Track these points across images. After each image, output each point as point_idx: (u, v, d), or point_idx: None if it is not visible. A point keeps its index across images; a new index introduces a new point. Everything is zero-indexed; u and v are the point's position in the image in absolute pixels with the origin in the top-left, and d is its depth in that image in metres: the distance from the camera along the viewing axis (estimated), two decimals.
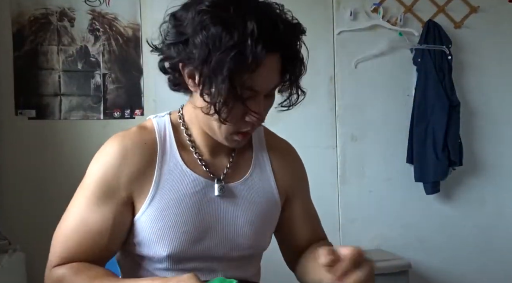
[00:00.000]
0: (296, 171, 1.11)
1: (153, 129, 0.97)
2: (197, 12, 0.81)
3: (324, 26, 2.62)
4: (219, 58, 0.78)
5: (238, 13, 0.80)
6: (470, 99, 2.81)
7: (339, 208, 2.64)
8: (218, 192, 0.95)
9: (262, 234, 1.02)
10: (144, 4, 2.41)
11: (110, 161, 0.92)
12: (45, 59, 2.29)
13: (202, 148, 0.98)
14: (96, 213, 0.91)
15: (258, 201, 1.00)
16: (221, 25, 0.79)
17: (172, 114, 1.01)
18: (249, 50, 0.78)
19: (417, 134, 2.64)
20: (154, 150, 0.94)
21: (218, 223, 0.96)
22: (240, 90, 0.81)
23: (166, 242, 0.91)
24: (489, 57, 2.82)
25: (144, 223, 0.92)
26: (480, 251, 2.81)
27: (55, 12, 2.31)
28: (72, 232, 0.91)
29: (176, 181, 0.94)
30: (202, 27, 0.80)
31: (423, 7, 2.72)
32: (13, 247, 1.94)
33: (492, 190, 2.84)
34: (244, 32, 0.78)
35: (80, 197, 0.93)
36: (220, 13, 0.80)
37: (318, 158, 2.59)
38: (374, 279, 0.82)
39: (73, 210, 0.93)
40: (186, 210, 0.93)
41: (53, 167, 2.28)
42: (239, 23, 0.79)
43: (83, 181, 0.94)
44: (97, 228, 0.91)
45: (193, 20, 0.81)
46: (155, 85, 2.40)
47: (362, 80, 2.66)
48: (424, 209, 2.74)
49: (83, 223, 0.91)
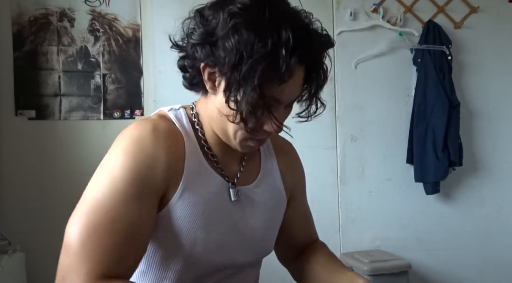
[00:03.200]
0: (298, 171, 1.10)
1: (172, 121, 0.90)
2: (229, 14, 0.77)
3: (324, 26, 2.61)
4: (251, 65, 0.75)
5: (273, 19, 0.76)
6: (470, 99, 2.81)
7: (339, 208, 2.64)
8: (234, 196, 0.91)
9: (274, 235, 1.02)
10: (144, 4, 2.41)
11: (146, 147, 0.81)
12: (45, 60, 2.29)
13: (215, 149, 0.92)
14: (135, 206, 0.78)
15: (270, 203, 0.99)
16: (255, 31, 0.75)
17: (186, 109, 0.94)
18: (282, 60, 0.75)
19: (417, 134, 2.64)
20: (182, 142, 0.87)
21: (234, 226, 0.91)
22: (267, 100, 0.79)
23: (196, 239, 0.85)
24: (489, 57, 2.83)
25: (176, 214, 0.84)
26: (480, 251, 2.81)
27: (55, 13, 2.31)
28: (107, 231, 0.75)
29: (200, 179, 0.88)
30: (234, 31, 0.76)
31: (423, 7, 2.73)
32: (13, 247, 1.94)
33: (492, 190, 2.84)
34: (278, 41, 0.75)
35: (109, 187, 0.78)
36: (254, 17, 0.76)
37: (318, 158, 2.60)
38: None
39: (102, 203, 0.77)
40: (207, 210, 0.87)
41: (53, 167, 2.28)
42: (273, 30, 0.75)
43: (109, 167, 0.80)
44: (137, 224, 0.78)
45: (225, 22, 0.77)
46: (155, 85, 2.40)
47: (362, 80, 2.66)
48: (424, 209, 2.74)
49: (121, 219, 0.76)
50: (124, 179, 0.78)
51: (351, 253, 2.54)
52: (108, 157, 0.82)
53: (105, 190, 0.78)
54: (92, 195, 0.79)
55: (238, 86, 0.77)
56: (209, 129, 0.91)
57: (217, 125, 0.88)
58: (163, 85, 2.40)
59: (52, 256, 0.83)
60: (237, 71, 0.76)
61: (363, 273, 2.32)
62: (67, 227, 0.78)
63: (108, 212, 0.76)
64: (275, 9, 0.78)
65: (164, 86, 2.39)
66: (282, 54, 0.75)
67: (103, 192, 0.78)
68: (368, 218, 2.67)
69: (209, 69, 0.82)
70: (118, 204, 0.77)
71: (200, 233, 0.85)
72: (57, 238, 0.83)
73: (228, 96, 0.79)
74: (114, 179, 0.78)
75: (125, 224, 0.77)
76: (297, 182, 1.09)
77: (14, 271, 1.90)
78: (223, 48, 0.77)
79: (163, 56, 2.39)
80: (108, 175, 0.79)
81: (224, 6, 0.79)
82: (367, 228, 2.67)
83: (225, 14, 0.77)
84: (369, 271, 2.31)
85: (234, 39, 0.75)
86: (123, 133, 0.84)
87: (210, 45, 0.79)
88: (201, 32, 0.81)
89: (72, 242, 0.75)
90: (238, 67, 0.76)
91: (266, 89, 0.78)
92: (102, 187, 0.78)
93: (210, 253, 0.87)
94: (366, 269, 2.32)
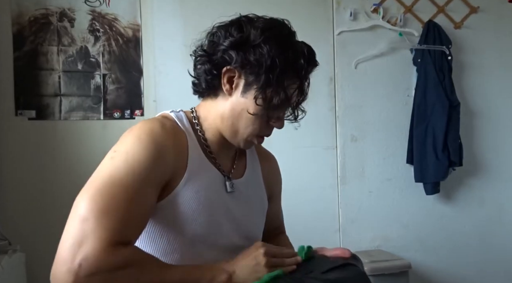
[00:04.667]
0: (277, 175, 1.26)
1: (174, 121, 1.02)
2: (259, 28, 0.96)
3: (324, 26, 2.62)
4: (281, 70, 0.95)
5: (290, 35, 1.00)
6: (470, 100, 2.81)
7: (339, 208, 2.64)
8: (230, 188, 1.04)
9: (261, 226, 1.16)
10: (144, 4, 2.41)
11: (158, 139, 0.92)
12: (45, 60, 2.29)
13: (213, 147, 1.05)
14: (151, 186, 0.89)
15: (256, 197, 1.14)
16: (281, 44, 0.96)
17: (186, 112, 1.07)
18: (301, 67, 0.97)
19: (417, 134, 2.64)
20: (185, 138, 1.00)
21: (231, 214, 1.03)
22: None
23: (195, 224, 0.95)
24: (489, 57, 2.83)
25: (178, 203, 0.95)
26: (480, 251, 2.81)
27: (55, 13, 2.31)
28: (124, 201, 0.85)
29: (201, 170, 0.99)
30: (266, 42, 0.95)
31: (423, 8, 2.73)
32: (13, 247, 1.94)
33: (492, 190, 2.84)
34: (297, 53, 0.97)
35: (126, 169, 0.86)
36: (278, 33, 0.98)
37: (318, 158, 2.60)
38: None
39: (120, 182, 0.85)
40: (210, 197, 0.99)
41: (53, 167, 2.28)
42: (293, 45, 0.98)
43: (123, 153, 0.89)
44: (150, 200, 0.90)
45: (256, 34, 0.96)
46: (155, 85, 2.40)
47: (362, 81, 2.66)
48: (424, 209, 2.74)
49: (139, 195, 0.86)
50: (141, 162, 0.88)
51: None
52: (120, 144, 0.92)
53: (122, 170, 0.86)
54: (106, 173, 0.87)
55: (270, 85, 0.95)
56: (210, 129, 1.05)
57: (227, 123, 1.02)
58: (163, 85, 2.40)
59: (52, 256, 0.82)
60: (271, 73, 0.95)
61: None
62: (80, 200, 0.84)
63: (127, 189, 0.85)
64: (289, 29, 1.01)
65: (164, 86, 2.39)
66: (301, 62, 0.97)
67: (120, 172, 0.86)
68: (368, 218, 2.67)
69: (230, 74, 0.98)
70: (136, 183, 0.86)
71: (203, 216, 0.96)
72: (57, 238, 0.83)
73: (259, 94, 0.96)
74: (131, 162, 0.88)
75: (138, 201, 0.86)
76: (275, 186, 1.25)
77: (14, 271, 1.90)
78: (257, 54, 0.95)
79: (163, 56, 2.39)
80: (124, 158, 0.88)
81: (251, 23, 0.98)
82: (367, 228, 2.67)
83: (255, 28, 0.96)
84: (369, 271, 2.31)
85: (267, 48, 0.95)
86: (131, 129, 0.94)
87: (243, 51, 0.96)
88: (234, 40, 0.97)
89: (84, 214, 0.82)
90: (271, 70, 0.95)
91: (290, 90, 0.98)
92: (119, 167, 0.87)
93: (211, 234, 0.98)
94: (366, 269, 2.30)
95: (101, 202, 0.83)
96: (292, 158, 2.50)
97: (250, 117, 0.99)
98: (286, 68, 0.95)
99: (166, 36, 2.41)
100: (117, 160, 0.88)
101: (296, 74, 0.97)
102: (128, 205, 0.85)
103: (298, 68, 0.97)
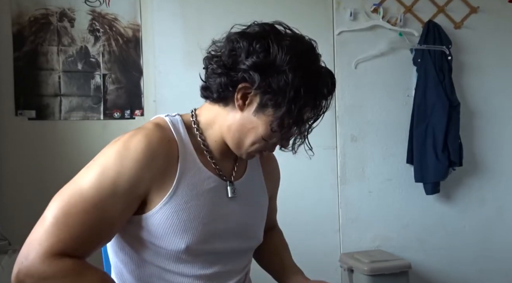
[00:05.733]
0: (277, 174, 1.25)
1: (169, 127, 0.98)
2: (286, 53, 0.90)
3: (324, 26, 2.62)
4: (304, 101, 0.91)
5: (314, 62, 0.95)
6: (470, 100, 2.81)
7: (339, 208, 2.64)
8: (231, 193, 1.02)
9: (262, 226, 1.14)
10: (144, 4, 2.41)
11: (135, 156, 0.89)
12: (45, 60, 2.29)
13: (214, 152, 1.03)
14: (115, 204, 0.88)
15: (258, 197, 1.13)
16: (306, 73, 0.91)
17: (183, 115, 1.04)
18: (323, 98, 0.95)
19: (417, 134, 2.64)
20: (176, 147, 0.96)
21: (231, 219, 1.02)
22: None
23: (188, 233, 0.93)
24: (489, 57, 2.83)
25: (163, 217, 0.93)
26: (480, 251, 2.81)
27: (55, 13, 2.31)
28: (85, 213, 0.85)
29: (195, 178, 0.97)
30: (291, 69, 0.89)
31: (423, 8, 2.73)
32: (13, 247, 1.94)
33: (492, 190, 2.84)
34: (320, 82, 0.94)
35: (95, 182, 0.87)
36: (304, 60, 0.92)
37: (318, 158, 2.58)
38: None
39: (86, 193, 0.87)
40: (205, 204, 0.97)
41: (53, 167, 2.27)
42: (318, 73, 0.94)
43: (99, 164, 0.89)
44: (111, 218, 0.88)
45: (282, 60, 0.90)
46: (155, 85, 2.40)
47: (362, 81, 2.66)
48: (424, 209, 2.74)
49: (97, 211, 0.86)
50: (109, 178, 0.88)
51: (351, 253, 2.54)
52: (101, 155, 0.92)
53: (91, 182, 0.87)
54: (79, 182, 0.89)
55: (290, 116, 0.92)
56: (214, 135, 1.02)
57: (233, 135, 0.98)
58: (163, 85, 2.39)
59: None
60: (294, 104, 0.90)
61: (363, 273, 2.32)
62: (50, 202, 0.88)
63: (86, 201, 0.86)
64: (316, 54, 0.96)
65: (164, 86, 2.39)
66: (323, 93, 0.95)
67: (89, 183, 0.88)
68: (368, 218, 2.67)
69: (245, 90, 0.93)
70: (97, 197, 0.87)
71: (195, 225, 0.94)
72: None
73: (276, 122, 0.92)
74: (101, 175, 0.88)
75: (96, 216, 0.86)
76: (275, 185, 1.25)
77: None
78: (282, 81, 0.90)
79: (163, 56, 2.38)
80: (98, 170, 0.89)
81: (278, 41, 0.91)
82: (367, 228, 2.67)
83: (282, 49, 0.90)
84: (369, 271, 2.31)
85: (292, 76, 0.89)
86: (119, 138, 0.93)
87: (267, 75, 0.90)
88: (259, 61, 0.91)
89: (47, 217, 0.86)
90: (294, 102, 0.90)
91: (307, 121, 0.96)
92: (89, 178, 0.88)
93: (205, 241, 0.96)
94: (366, 269, 2.32)
95: (60, 210, 0.86)
96: (292, 158, 2.48)
97: (259, 137, 0.96)
98: (308, 100, 0.92)
99: (166, 36, 2.41)
100: (91, 171, 0.89)
101: (316, 105, 0.95)
102: (83, 219, 0.85)
103: (320, 100, 0.95)
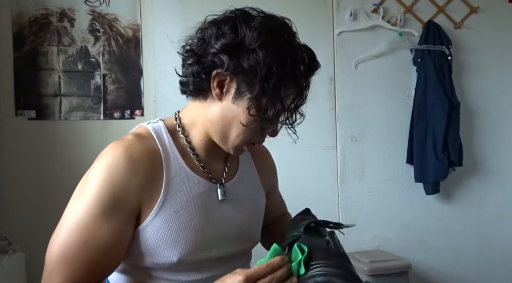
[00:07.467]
0: (272, 168, 1.22)
1: (151, 135, 0.96)
2: (256, 31, 0.86)
3: (324, 26, 2.62)
4: (278, 79, 0.85)
5: (289, 40, 0.89)
6: (470, 100, 2.81)
7: (339, 208, 2.64)
8: (222, 196, 0.99)
9: (259, 226, 1.11)
10: (144, 4, 2.41)
11: (117, 174, 0.87)
12: (45, 60, 2.30)
13: (200, 153, 0.99)
14: (107, 228, 0.86)
15: (252, 198, 1.08)
16: (279, 49, 0.86)
17: (166, 120, 1.01)
18: (300, 75, 0.88)
19: (417, 134, 2.64)
20: (159, 157, 0.93)
21: (224, 223, 0.99)
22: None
23: (180, 244, 0.91)
24: (489, 57, 2.83)
25: (154, 230, 0.91)
26: (480, 251, 2.81)
27: (55, 13, 2.31)
28: (80, 250, 0.85)
29: (183, 184, 0.94)
30: (262, 47, 0.85)
31: (423, 8, 2.73)
32: (13, 247, 1.94)
33: (492, 190, 2.84)
34: (296, 59, 0.87)
35: (84, 210, 0.87)
36: (277, 37, 0.87)
37: (318, 158, 2.59)
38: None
39: (77, 225, 0.86)
40: (196, 211, 0.94)
41: (53, 167, 2.28)
42: (292, 50, 0.88)
43: (84, 191, 0.88)
44: (109, 243, 0.87)
45: (252, 38, 0.86)
46: (155, 85, 2.40)
47: (362, 81, 2.66)
48: (424, 209, 2.74)
49: (93, 240, 0.86)
50: (96, 204, 0.86)
51: (351, 253, 2.54)
52: (85, 181, 0.90)
53: (79, 214, 0.87)
54: (69, 217, 0.88)
55: (265, 96, 0.86)
56: (199, 135, 0.98)
57: (216, 128, 0.94)
58: (163, 85, 2.40)
59: None
60: (266, 83, 0.85)
61: (363, 273, 2.32)
62: (49, 244, 0.89)
63: (82, 233, 0.86)
64: (289, 31, 0.90)
65: (164, 86, 2.39)
66: (300, 70, 0.87)
67: (78, 215, 0.87)
68: (368, 218, 2.67)
69: (220, 77, 0.89)
70: (90, 226, 0.86)
71: (187, 234, 0.92)
72: None
73: (253, 104, 0.87)
74: (87, 204, 0.87)
75: (96, 242, 0.86)
76: (273, 179, 1.21)
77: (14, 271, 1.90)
78: (252, 60, 0.85)
79: (163, 56, 2.39)
80: (83, 199, 0.87)
81: (247, 22, 0.87)
82: (367, 228, 2.67)
83: (251, 30, 0.86)
84: (369, 271, 2.31)
85: (263, 54, 0.85)
86: (99, 157, 0.91)
87: (236, 56, 0.86)
88: (227, 43, 0.87)
89: (51, 258, 0.87)
90: (267, 79, 0.85)
91: (286, 100, 0.89)
92: (77, 210, 0.87)
93: (199, 249, 0.94)
94: (366, 269, 2.32)
95: (62, 247, 0.86)
96: (292, 158, 2.50)
97: (242, 126, 0.91)
98: (283, 77, 0.86)
99: (166, 36, 2.41)
100: (78, 202, 0.88)
101: (295, 83, 0.88)
102: (83, 250, 0.86)
103: (297, 77, 0.88)
